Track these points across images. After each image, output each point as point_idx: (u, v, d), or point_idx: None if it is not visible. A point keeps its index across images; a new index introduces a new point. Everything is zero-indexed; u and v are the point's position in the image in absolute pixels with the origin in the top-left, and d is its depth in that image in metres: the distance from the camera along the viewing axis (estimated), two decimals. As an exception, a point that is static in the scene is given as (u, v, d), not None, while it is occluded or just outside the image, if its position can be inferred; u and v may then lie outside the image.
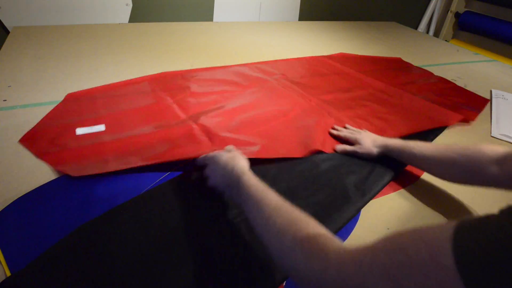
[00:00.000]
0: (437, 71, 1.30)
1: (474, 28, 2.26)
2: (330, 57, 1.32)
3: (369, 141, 0.70)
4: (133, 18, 1.59)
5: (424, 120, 0.89)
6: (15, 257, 0.45)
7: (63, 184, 0.57)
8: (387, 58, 1.40)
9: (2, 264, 0.44)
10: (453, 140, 0.86)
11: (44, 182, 0.57)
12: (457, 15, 2.35)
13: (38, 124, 0.72)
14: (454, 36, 2.46)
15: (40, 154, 0.63)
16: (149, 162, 0.61)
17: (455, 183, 0.59)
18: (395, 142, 0.67)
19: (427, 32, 2.52)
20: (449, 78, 1.26)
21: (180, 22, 1.54)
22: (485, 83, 1.25)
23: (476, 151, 0.54)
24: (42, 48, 1.11)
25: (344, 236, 0.54)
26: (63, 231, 0.49)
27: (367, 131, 0.77)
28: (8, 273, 0.43)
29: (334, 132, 0.79)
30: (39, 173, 0.60)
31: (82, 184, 0.57)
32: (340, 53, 1.38)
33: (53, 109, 0.78)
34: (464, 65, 1.44)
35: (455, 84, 1.20)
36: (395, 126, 0.86)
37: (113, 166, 0.60)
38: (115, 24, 1.40)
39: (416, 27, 2.53)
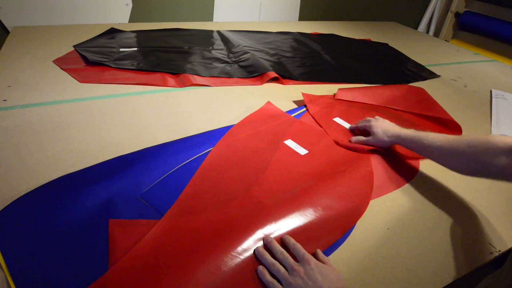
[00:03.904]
0: (437, 71, 1.30)
1: (474, 28, 2.26)
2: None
3: (381, 131, 0.73)
4: (133, 18, 1.60)
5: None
6: (15, 257, 0.45)
7: (63, 184, 0.57)
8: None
9: (1, 264, 0.44)
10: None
11: (44, 182, 0.57)
12: (457, 15, 2.35)
13: (65, 55, 1.08)
14: (454, 36, 2.46)
15: (66, 69, 0.98)
16: (123, 82, 0.95)
17: (464, 174, 0.58)
18: (407, 133, 0.68)
19: (427, 32, 2.52)
20: (449, 78, 1.26)
21: (180, 22, 1.54)
22: (485, 83, 1.25)
23: (485, 142, 0.53)
24: (42, 48, 1.11)
25: (343, 236, 0.54)
26: (63, 231, 0.49)
27: (380, 118, 0.78)
28: (8, 273, 0.43)
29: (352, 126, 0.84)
30: (39, 173, 0.60)
31: (82, 184, 0.57)
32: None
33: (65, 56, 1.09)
34: (464, 65, 1.44)
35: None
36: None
37: (105, 80, 0.94)
38: (115, 24, 1.40)
39: (416, 27, 2.53)
